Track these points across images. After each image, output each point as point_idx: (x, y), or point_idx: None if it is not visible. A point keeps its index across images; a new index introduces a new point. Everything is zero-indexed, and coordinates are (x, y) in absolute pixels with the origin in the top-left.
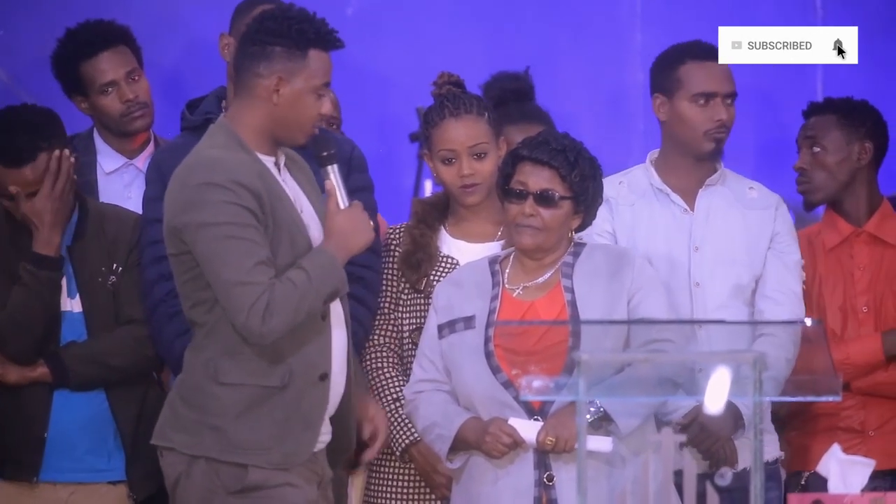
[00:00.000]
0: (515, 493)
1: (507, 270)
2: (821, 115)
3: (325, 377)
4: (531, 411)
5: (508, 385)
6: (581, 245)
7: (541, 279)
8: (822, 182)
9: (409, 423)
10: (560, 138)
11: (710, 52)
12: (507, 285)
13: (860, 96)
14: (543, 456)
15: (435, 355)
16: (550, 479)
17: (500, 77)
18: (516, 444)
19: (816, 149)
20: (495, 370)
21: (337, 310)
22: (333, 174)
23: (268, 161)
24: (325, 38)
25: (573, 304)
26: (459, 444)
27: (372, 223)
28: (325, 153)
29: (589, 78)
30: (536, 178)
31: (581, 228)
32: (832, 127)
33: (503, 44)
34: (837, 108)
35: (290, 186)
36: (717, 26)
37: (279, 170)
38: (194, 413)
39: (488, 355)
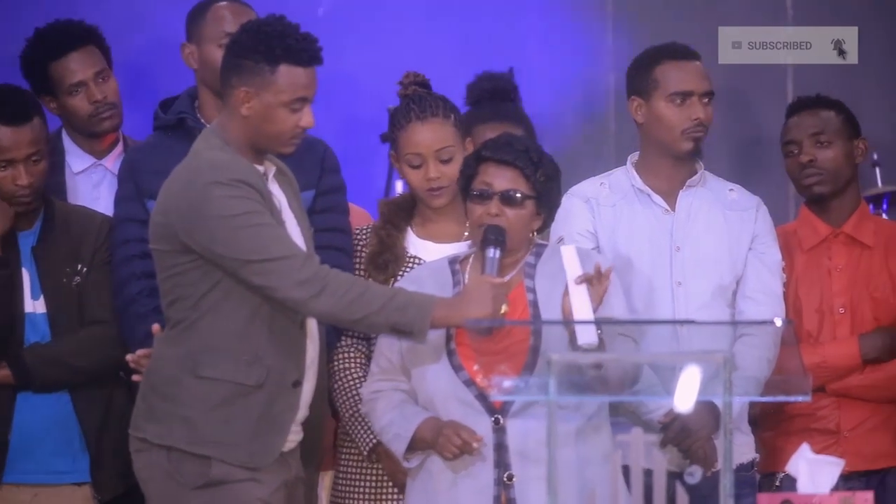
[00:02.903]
0: (475, 492)
1: (468, 270)
2: (818, 111)
3: (297, 384)
4: (492, 409)
5: (470, 383)
6: (543, 246)
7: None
8: (834, 174)
9: None
10: (522, 139)
11: (686, 52)
12: (464, 286)
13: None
14: (503, 455)
15: (393, 353)
16: (510, 478)
17: (482, 77)
18: (467, 445)
19: (824, 143)
20: (457, 368)
21: (312, 325)
22: (493, 252)
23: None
24: (296, 55)
25: (535, 304)
26: (417, 444)
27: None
28: (494, 237)
29: (561, 80)
30: (501, 178)
31: (541, 230)
32: (835, 122)
33: (474, 45)
34: (833, 104)
35: (277, 197)
36: (690, 28)
37: (266, 180)
38: (166, 404)
39: (450, 353)
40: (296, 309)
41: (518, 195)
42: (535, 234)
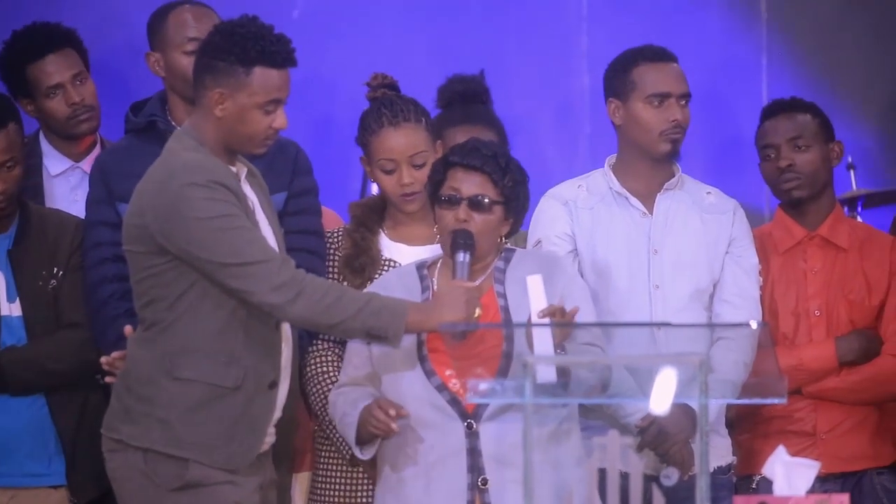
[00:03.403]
0: (448, 497)
1: (437, 276)
2: (794, 114)
3: (274, 385)
4: (464, 414)
5: (442, 388)
6: (511, 251)
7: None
8: (812, 177)
9: None
10: (490, 145)
11: (663, 54)
12: (437, 291)
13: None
14: (476, 460)
15: (361, 359)
16: (484, 482)
17: (453, 80)
18: (389, 419)
19: (801, 147)
20: (429, 373)
21: (286, 326)
22: (463, 256)
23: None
24: (271, 57)
25: (506, 309)
26: (362, 431)
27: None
28: (463, 241)
29: (535, 81)
30: (469, 183)
31: (509, 235)
32: (812, 125)
33: (449, 47)
34: (809, 107)
35: (250, 198)
36: (662, 29)
37: (239, 181)
38: (143, 405)
39: (422, 359)
40: (272, 313)
41: (486, 200)
42: (504, 239)
